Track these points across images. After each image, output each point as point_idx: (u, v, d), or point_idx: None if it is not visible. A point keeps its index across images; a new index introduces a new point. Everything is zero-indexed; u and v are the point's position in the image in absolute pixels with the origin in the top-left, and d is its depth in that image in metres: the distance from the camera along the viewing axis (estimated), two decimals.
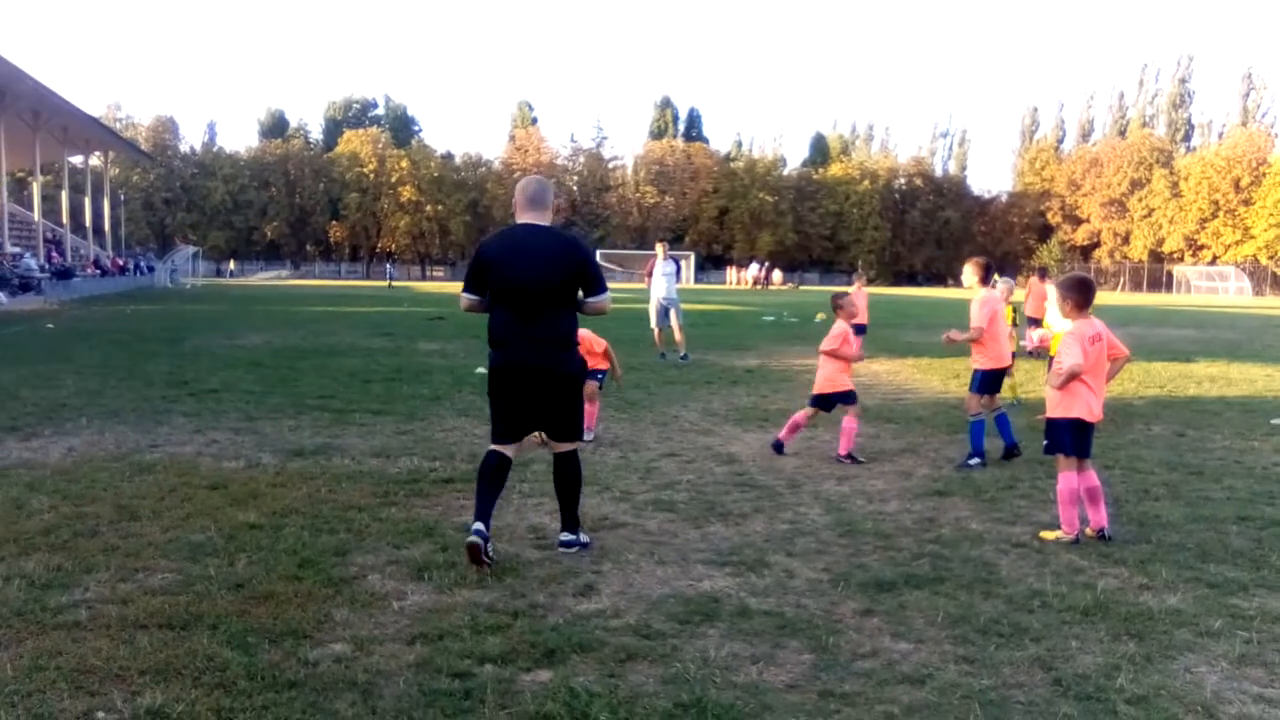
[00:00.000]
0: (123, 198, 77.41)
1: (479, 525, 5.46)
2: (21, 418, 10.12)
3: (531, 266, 5.53)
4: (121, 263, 58.21)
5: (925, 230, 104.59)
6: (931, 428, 10.58)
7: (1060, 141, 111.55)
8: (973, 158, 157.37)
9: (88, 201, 58.96)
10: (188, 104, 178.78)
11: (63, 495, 6.93)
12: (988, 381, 8.82)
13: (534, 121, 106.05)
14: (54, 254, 49.21)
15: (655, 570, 5.55)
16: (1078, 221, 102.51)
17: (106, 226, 63.50)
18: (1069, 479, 6.25)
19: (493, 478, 5.68)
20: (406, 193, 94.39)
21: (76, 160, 62.00)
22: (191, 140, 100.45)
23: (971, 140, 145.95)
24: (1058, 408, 6.34)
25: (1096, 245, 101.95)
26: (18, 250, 42.95)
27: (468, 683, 3.99)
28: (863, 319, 18.64)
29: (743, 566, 5.62)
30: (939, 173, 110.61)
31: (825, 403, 9.07)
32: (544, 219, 5.72)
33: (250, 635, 4.42)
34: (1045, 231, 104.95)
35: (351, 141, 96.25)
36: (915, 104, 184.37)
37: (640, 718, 3.70)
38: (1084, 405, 6.27)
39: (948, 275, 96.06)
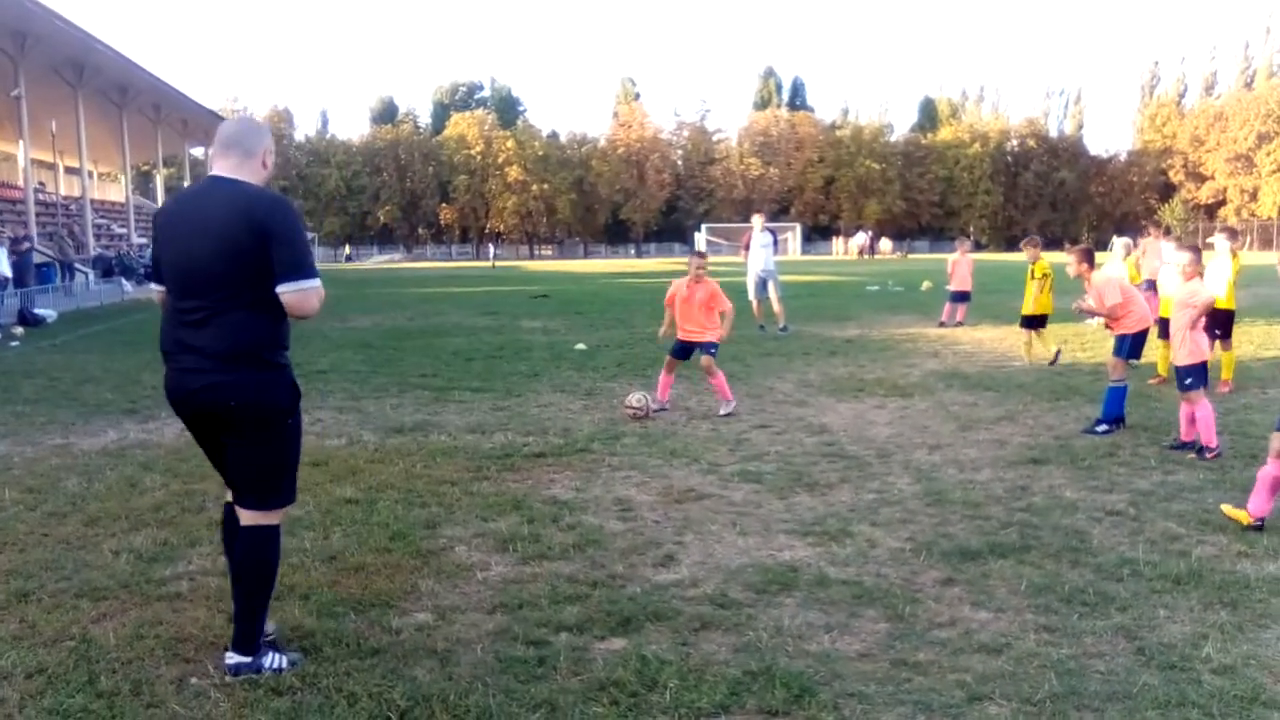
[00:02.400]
0: None
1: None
2: (140, 401, 10.62)
3: (190, 240, 3.78)
4: None
5: (1039, 193, 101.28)
6: (1033, 395, 10.31)
7: (1182, 96, 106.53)
8: (1089, 116, 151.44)
9: None
10: (301, 95, 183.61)
11: (174, 474, 7.28)
12: (1135, 345, 8.66)
13: (637, 97, 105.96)
14: None
15: (736, 541, 5.57)
16: (1202, 179, 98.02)
17: None
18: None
19: (226, 540, 4.13)
20: (513, 173, 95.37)
21: (197, 152, 64.37)
22: (305, 129, 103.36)
23: (1088, 98, 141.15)
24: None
25: (1222, 203, 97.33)
26: (144, 241, 44.84)
27: (542, 650, 4.09)
28: (966, 286, 18.27)
29: (825, 536, 5.60)
30: (1054, 133, 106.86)
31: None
32: (243, 169, 3.87)
33: (339, 605, 4.59)
34: (1167, 190, 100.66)
35: (459, 124, 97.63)
36: (1028, 63, 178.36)
37: (709, 685, 3.74)
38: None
39: (1064, 238, 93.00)
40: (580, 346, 15.25)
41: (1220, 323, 10.26)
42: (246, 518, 3.90)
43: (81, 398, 10.93)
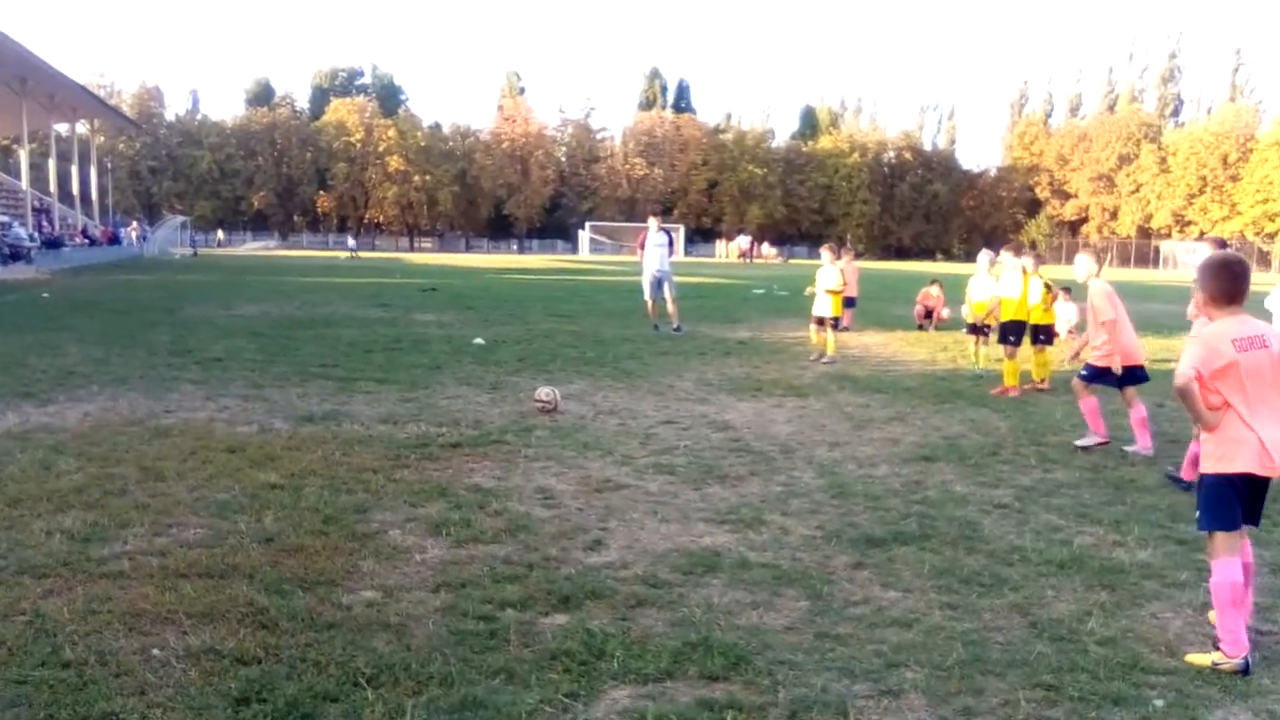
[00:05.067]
0: (109, 166, 77.02)
1: None
2: (34, 384, 10.38)
3: None
4: (114, 233, 58.01)
5: (914, 204, 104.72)
6: (919, 398, 10.92)
7: (1049, 116, 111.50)
8: (962, 132, 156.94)
9: (75, 170, 58.70)
10: (172, 72, 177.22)
11: (87, 457, 7.22)
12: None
13: (522, 91, 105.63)
14: (43, 223, 49.11)
15: (659, 527, 5.89)
16: (1066, 196, 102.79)
17: (94, 195, 63.24)
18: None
19: None
20: (394, 163, 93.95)
21: (62, 128, 61.63)
22: (176, 109, 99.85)
23: (960, 114, 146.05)
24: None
25: (1085, 220, 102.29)
26: (6, 219, 42.84)
27: (492, 624, 4.33)
28: (853, 291, 19.02)
29: (741, 524, 5.96)
30: (928, 147, 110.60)
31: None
32: None
33: (285, 583, 4.74)
34: (1034, 206, 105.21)
35: (338, 110, 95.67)
36: (904, 78, 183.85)
37: (652, 654, 4.04)
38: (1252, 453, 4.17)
39: (936, 249, 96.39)
40: (479, 341, 15.37)
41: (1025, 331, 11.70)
42: None
43: None
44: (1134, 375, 8.31)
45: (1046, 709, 3.70)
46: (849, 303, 18.90)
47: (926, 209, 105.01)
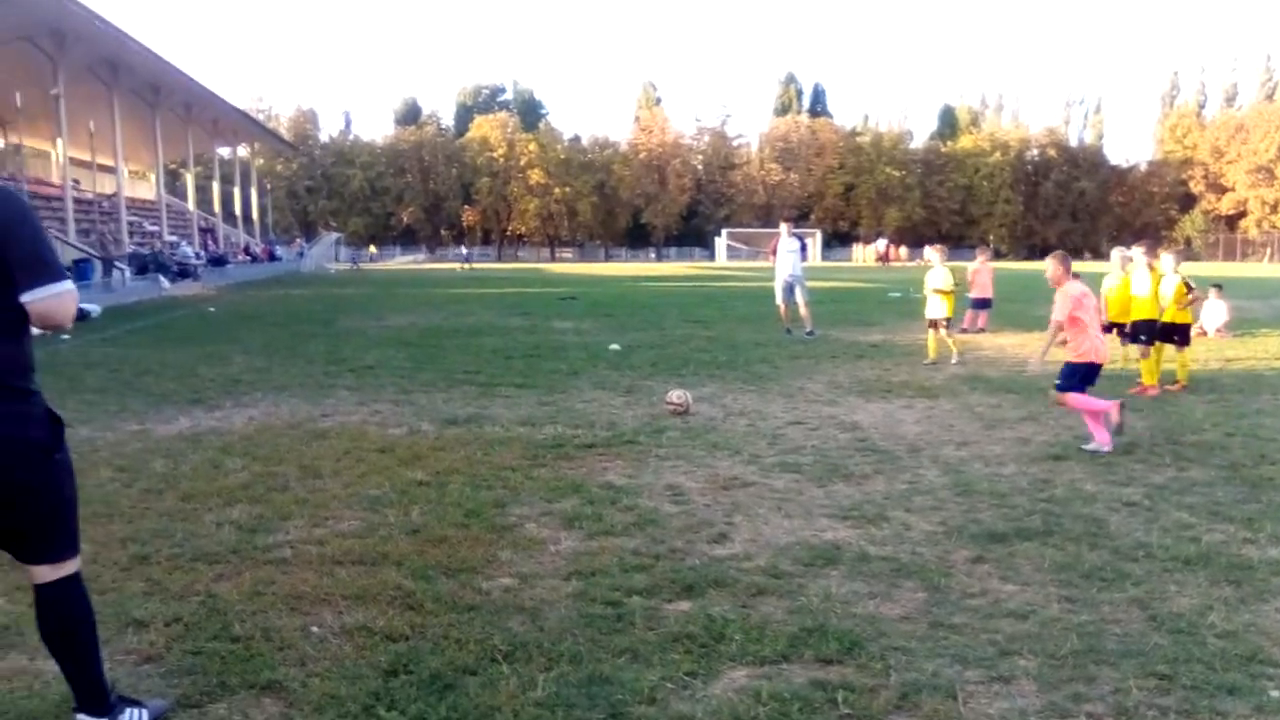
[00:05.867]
0: (268, 187, 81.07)
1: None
2: (204, 391, 11.21)
3: None
4: (271, 250, 61.08)
5: (1060, 202, 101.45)
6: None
7: (1202, 107, 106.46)
8: (1109, 126, 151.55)
9: (236, 191, 62.18)
10: (326, 96, 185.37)
11: (252, 457, 7.83)
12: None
13: (658, 101, 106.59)
14: (209, 242, 52.11)
15: (782, 522, 6.08)
16: (1222, 190, 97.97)
17: (255, 214, 66.79)
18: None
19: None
20: (535, 176, 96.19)
21: (225, 152, 65.27)
22: (329, 130, 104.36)
23: (1108, 108, 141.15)
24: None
25: (1243, 214, 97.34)
26: (175, 239, 45.69)
27: (619, 609, 4.60)
28: (987, 293, 18.74)
29: (863, 520, 6.10)
30: (1074, 143, 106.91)
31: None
32: None
33: (429, 570, 5.12)
34: (1188, 201, 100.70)
35: (481, 127, 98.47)
36: (1048, 73, 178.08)
37: (770, 638, 4.25)
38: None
39: (1084, 248, 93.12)
40: (615, 347, 15.77)
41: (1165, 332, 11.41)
42: (40, 574, 3.29)
43: (145, 388, 11.51)
44: None
45: (1159, 697, 3.76)
46: (983, 304, 18.67)
47: (1073, 207, 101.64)
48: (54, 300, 3.08)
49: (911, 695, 3.77)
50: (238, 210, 62.29)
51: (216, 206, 59.73)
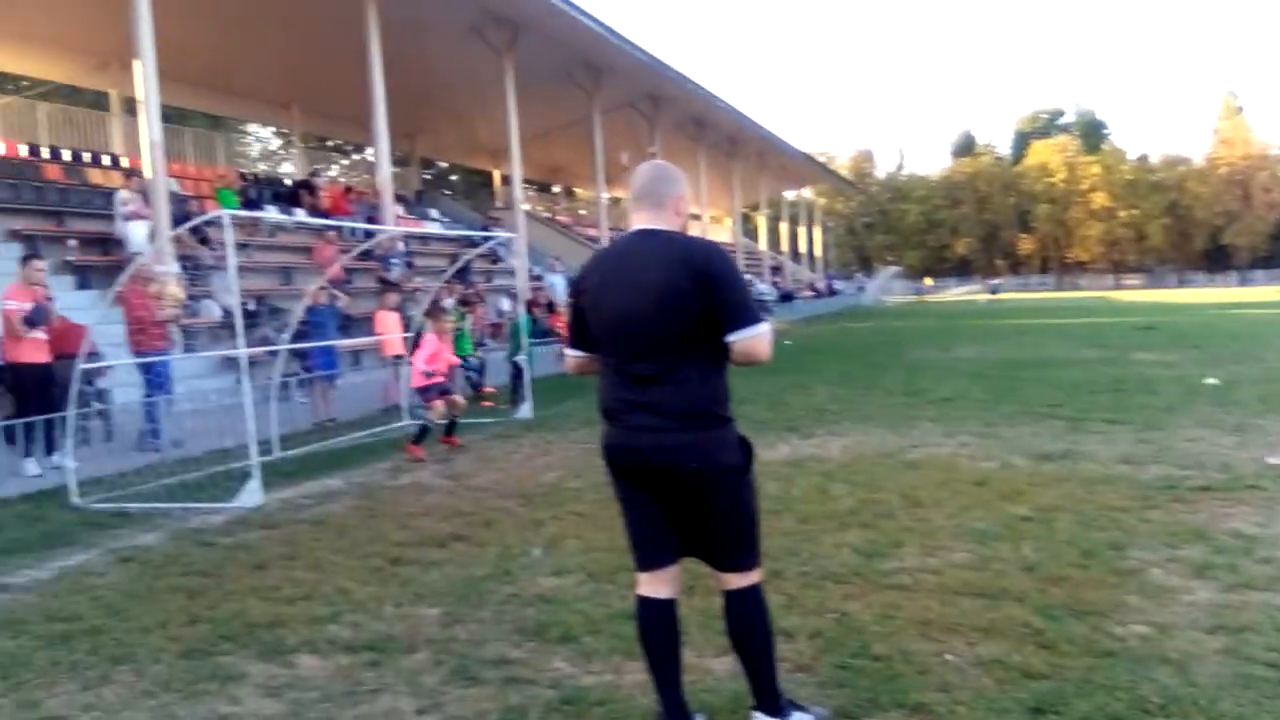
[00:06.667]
0: (829, 225, 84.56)
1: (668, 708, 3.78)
2: (796, 419, 11.94)
3: (630, 292, 3.58)
4: (830, 285, 63.59)
5: None
6: None
7: None
8: None
9: (801, 230, 65.62)
10: (881, 135, 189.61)
11: (853, 484, 8.19)
12: None
13: (1240, 111, 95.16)
14: (777, 279, 55.44)
15: None
16: None
17: (818, 251, 69.98)
18: None
19: (659, 638, 3.77)
20: (1098, 199, 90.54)
21: (790, 195, 69.22)
22: (885, 168, 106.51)
23: None
24: None
25: None
26: (749, 277, 49.18)
27: (1278, 672, 4.16)
28: None
29: None
30: None
31: None
32: (660, 220, 3.68)
33: (1053, 609, 5.00)
34: None
35: (1039, 153, 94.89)
36: None
37: None
38: None
39: None
40: (1211, 380, 14.29)
41: None
42: (729, 581, 3.69)
43: (746, 415, 12.33)
44: None
45: None
46: None
47: None
48: (752, 340, 3.49)
49: None
50: (802, 248, 65.67)
51: (784, 245, 63.46)
